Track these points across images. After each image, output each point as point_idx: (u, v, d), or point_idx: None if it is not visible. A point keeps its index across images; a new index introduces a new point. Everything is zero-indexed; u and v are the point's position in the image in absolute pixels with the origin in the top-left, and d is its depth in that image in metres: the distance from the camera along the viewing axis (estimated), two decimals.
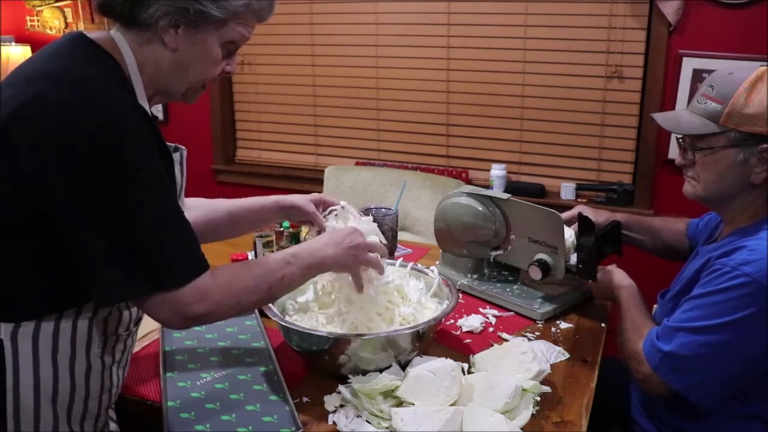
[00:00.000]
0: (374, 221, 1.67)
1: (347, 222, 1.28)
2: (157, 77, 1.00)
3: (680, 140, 1.28)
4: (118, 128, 0.88)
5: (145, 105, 0.99)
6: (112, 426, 1.11)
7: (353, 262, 1.14)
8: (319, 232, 1.28)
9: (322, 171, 2.71)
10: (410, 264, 1.39)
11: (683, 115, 1.25)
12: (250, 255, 1.64)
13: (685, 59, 2.38)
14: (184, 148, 1.13)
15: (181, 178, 1.11)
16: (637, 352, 1.21)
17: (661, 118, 1.30)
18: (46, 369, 0.95)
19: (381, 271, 1.20)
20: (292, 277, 1.05)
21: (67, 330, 0.96)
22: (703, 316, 1.12)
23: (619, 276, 1.41)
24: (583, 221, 1.40)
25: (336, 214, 1.30)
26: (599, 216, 1.54)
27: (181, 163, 1.09)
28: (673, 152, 2.43)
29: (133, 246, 0.90)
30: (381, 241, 1.23)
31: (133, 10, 0.94)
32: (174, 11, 0.94)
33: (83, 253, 0.89)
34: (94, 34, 0.98)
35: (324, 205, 1.33)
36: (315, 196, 1.35)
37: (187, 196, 1.18)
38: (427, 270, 1.39)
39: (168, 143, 1.01)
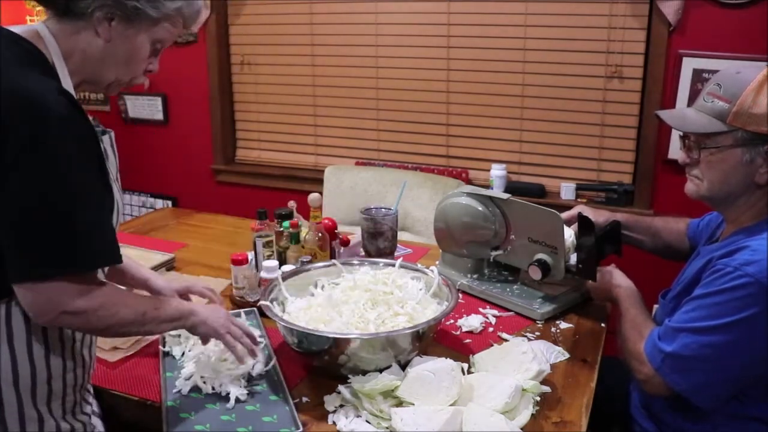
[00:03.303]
0: (374, 221, 1.69)
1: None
2: (83, 66, 1.02)
3: (685, 138, 1.27)
4: (40, 111, 0.88)
5: (71, 90, 0.99)
6: (87, 408, 1.10)
7: (219, 327, 1.13)
8: None
9: (322, 171, 2.71)
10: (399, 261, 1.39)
11: (689, 113, 1.24)
12: (250, 255, 1.64)
13: (685, 59, 2.37)
14: (111, 131, 1.14)
15: (115, 159, 1.13)
16: (639, 352, 1.21)
17: (666, 115, 1.29)
18: (3, 353, 0.96)
19: (240, 361, 1.16)
20: (164, 316, 1.06)
21: (18, 313, 0.96)
22: (706, 316, 1.12)
23: (617, 277, 1.41)
24: (583, 221, 1.40)
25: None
26: (599, 216, 1.54)
27: (112, 146, 1.11)
28: (673, 152, 2.43)
29: (31, 229, 0.89)
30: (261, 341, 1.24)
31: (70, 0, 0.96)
32: (111, 4, 0.96)
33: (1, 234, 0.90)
34: (17, 28, 0.99)
35: (193, 294, 1.35)
36: (182, 285, 1.37)
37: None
38: (427, 270, 1.39)
39: (96, 127, 1.01)
